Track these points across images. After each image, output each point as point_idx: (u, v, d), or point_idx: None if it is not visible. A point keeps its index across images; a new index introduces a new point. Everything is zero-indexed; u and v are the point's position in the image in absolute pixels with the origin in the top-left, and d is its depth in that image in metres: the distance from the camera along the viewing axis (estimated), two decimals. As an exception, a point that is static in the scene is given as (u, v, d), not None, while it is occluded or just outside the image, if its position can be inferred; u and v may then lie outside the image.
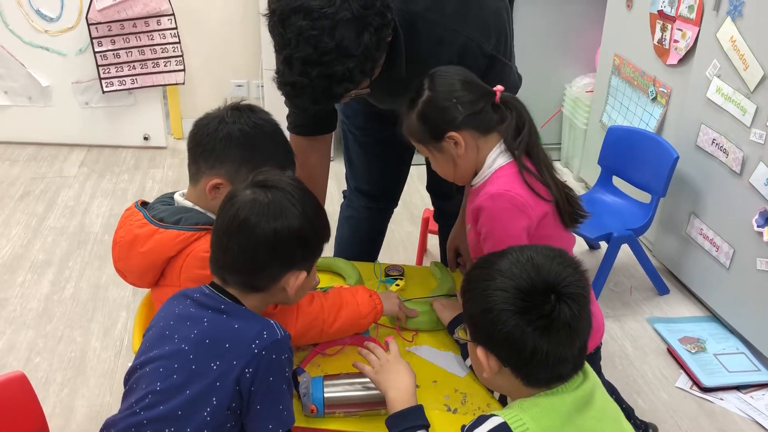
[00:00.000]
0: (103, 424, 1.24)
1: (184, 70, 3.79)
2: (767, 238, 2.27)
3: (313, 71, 1.31)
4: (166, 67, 3.76)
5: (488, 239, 1.42)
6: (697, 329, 2.57)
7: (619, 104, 3.18)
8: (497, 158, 1.43)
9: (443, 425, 1.33)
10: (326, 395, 1.33)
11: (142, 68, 3.73)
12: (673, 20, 2.70)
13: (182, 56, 3.75)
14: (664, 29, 2.77)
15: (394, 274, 1.84)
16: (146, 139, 3.96)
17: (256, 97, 4.07)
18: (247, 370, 1.12)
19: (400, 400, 1.23)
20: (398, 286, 1.79)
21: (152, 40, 3.68)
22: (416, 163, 2.15)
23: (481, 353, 1.06)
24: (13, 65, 3.72)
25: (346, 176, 2.22)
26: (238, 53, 4.00)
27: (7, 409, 1.24)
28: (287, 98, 1.43)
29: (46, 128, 3.90)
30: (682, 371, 2.37)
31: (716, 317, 2.63)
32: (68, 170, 3.72)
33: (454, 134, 1.40)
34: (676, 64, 2.72)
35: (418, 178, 2.63)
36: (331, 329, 1.47)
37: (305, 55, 1.30)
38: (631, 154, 2.76)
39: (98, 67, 3.67)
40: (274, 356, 1.14)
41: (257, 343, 1.13)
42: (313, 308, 1.46)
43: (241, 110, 1.48)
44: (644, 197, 2.77)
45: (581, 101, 3.55)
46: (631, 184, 2.82)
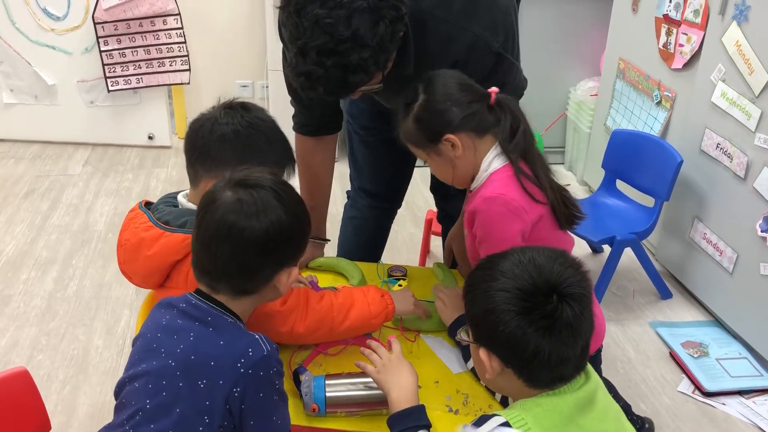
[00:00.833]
0: None
1: (189, 69, 3.80)
2: (771, 243, 2.27)
3: (328, 60, 1.30)
4: (171, 66, 3.77)
5: (483, 242, 1.43)
6: (699, 334, 2.56)
7: (623, 108, 3.17)
8: (493, 161, 1.44)
9: (445, 426, 1.32)
10: (328, 394, 1.33)
11: (147, 67, 3.74)
12: (678, 24, 2.70)
13: (188, 56, 3.76)
14: (669, 33, 2.77)
15: (396, 274, 1.84)
16: (151, 138, 3.97)
17: (260, 97, 4.08)
18: (234, 389, 1.09)
19: (401, 399, 1.23)
20: (401, 286, 1.79)
21: (158, 39, 3.69)
22: (420, 165, 2.15)
23: (483, 354, 1.06)
24: (19, 63, 3.74)
25: (350, 176, 2.22)
26: (243, 54, 4.01)
27: (9, 404, 1.24)
28: (301, 89, 1.40)
29: (51, 126, 3.92)
30: (684, 375, 2.37)
31: (719, 322, 2.62)
32: (73, 169, 3.73)
33: (450, 136, 1.41)
34: (680, 68, 2.72)
35: (421, 179, 2.63)
36: (340, 328, 1.46)
37: (321, 43, 1.29)
38: (635, 157, 2.76)
39: (104, 66, 3.68)
40: (261, 373, 1.10)
41: (243, 362, 1.09)
42: (322, 306, 1.46)
43: (234, 109, 1.46)
44: (648, 201, 2.76)
45: (586, 105, 3.55)
46: (634, 187, 2.81)
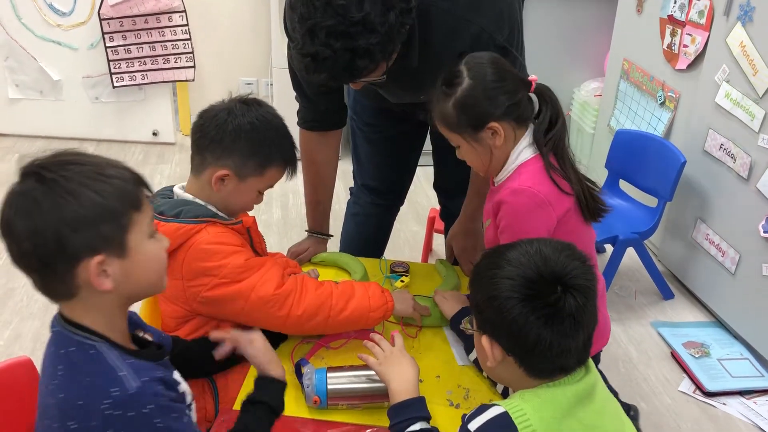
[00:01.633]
0: None
1: (194, 66, 3.81)
2: (773, 243, 2.27)
3: (337, 43, 1.30)
4: (176, 63, 3.78)
5: (505, 233, 1.41)
6: (701, 334, 2.57)
7: (627, 108, 3.18)
8: (522, 152, 1.41)
9: (446, 420, 1.33)
10: (329, 387, 1.34)
11: (152, 64, 3.75)
12: (683, 25, 2.70)
13: (192, 53, 3.77)
14: (673, 34, 2.77)
15: (399, 270, 1.85)
16: (155, 134, 3.98)
17: (265, 95, 4.09)
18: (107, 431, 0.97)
19: (402, 391, 1.23)
20: (403, 282, 1.80)
21: (163, 36, 3.70)
22: (422, 164, 2.16)
23: (485, 342, 1.07)
24: (25, 59, 3.75)
25: (353, 173, 2.23)
26: (248, 51, 4.02)
27: (13, 392, 1.25)
28: (306, 71, 1.38)
29: (56, 122, 3.93)
30: (685, 375, 2.37)
31: (721, 323, 2.62)
32: (77, 164, 3.74)
33: (495, 124, 1.36)
34: (685, 68, 2.72)
35: (424, 178, 2.64)
36: (339, 317, 1.47)
37: (332, 24, 1.29)
38: (638, 157, 2.76)
39: (109, 62, 3.69)
40: (130, 414, 0.96)
41: (108, 403, 0.96)
42: (322, 291, 1.47)
43: (249, 104, 1.48)
44: (651, 201, 2.77)
45: (589, 105, 3.55)
46: (637, 187, 2.81)
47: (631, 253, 2.70)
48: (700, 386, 2.30)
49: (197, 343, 1.44)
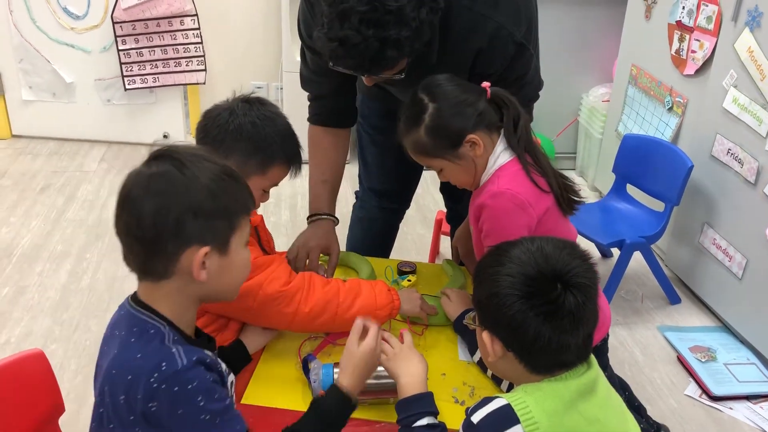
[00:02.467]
0: None
1: (205, 70, 3.85)
2: (780, 248, 2.28)
3: (368, 30, 1.29)
4: (187, 66, 3.82)
5: (489, 236, 1.44)
6: (707, 339, 2.57)
7: (635, 114, 3.19)
8: (499, 156, 1.44)
9: (451, 417, 1.33)
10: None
11: (164, 67, 3.79)
12: (691, 31, 2.71)
13: (204, 56, 3.81)
14: (681, 40, 2.78)
15: (406, 269, 1.86)
16: (166, 137, 4.02)
17: (275, 99, 4.11)
18: (150, 404, 1.02)
19: (411, 385, 1.25)
20: (410, 281, 1.81)
21: (175, 39, 3.74)
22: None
23: (486, 337, 1.08)
24: (38, 61, 3.80)
25: (359, 176, 2.24)
26: (258, 55, 4.05)
27: (25, 384, 1.27)
28: (330, 58, 1.35)
29: (68, 124, 3.98)
30: (691, 379, 2.37)
31: (728, 328, 2.62)
32: (88, 165, 3.78)
33: (472, 136, 1.40)
34: (693, 74, 2.73)
35: (431, 180, 2.65)
36: (346, 315, 1.47)
37: (366, 10, 1.28)
38: (645, 162, 2.77)
39: (121, 65, 3.74)
40: (176, 389, 1.01)
41: (156, 376, 1.01)
42: (329, 289, 1.48)
43: (251, 103, 1.48)
44: (658, 206, 2.77)
45: (597, 111, 3.57)
46: (645, 192, 2.82)
47: (638, 257, 2.70)
48: (706, 390, 2.30)
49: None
